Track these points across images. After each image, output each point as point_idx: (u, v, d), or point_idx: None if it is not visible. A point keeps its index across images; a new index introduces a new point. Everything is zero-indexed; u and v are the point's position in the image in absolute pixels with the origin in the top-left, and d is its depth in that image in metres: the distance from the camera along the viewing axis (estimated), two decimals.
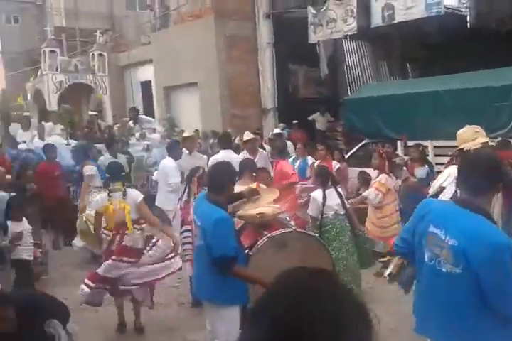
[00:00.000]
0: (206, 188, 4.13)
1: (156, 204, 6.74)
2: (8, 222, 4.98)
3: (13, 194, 5.83)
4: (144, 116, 10.48)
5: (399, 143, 8.70)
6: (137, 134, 10.06)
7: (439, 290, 2.29)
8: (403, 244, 2.55)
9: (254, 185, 4.06)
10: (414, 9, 9.99)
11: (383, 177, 6.23)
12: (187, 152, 6.93)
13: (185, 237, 4.82)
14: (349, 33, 11.65)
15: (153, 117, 17.55)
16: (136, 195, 4.92)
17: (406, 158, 7.66)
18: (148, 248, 4.69)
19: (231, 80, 14.11)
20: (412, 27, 10.95)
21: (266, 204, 3.81)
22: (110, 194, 4.80)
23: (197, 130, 13.35)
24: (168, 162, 6.73)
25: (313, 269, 1.04)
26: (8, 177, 6.27)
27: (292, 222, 4.07)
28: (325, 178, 5.37)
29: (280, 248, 3.56)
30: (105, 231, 4.84)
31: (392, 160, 6.80)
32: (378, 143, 9.68)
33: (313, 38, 12.52)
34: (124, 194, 4.77)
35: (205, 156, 7.26)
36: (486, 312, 2.17)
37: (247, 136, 7.35)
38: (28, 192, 6.91)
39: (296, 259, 3.59)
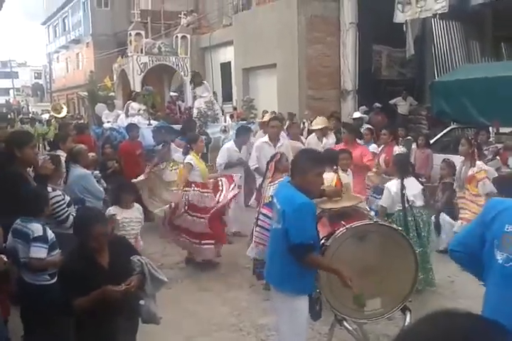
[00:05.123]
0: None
1: None
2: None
3: (96, 172, 6.07)
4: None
5: (490, 129, 8.09)
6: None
7: None
8: (461, 248, 2.32)
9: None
10: None
11: (482, 164, 5.81)
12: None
13: (261, 220, 4.94)
14: (439, 12, 10.93)
15: (231, 99, 17.77)
16: (188, 160, 5.95)
17: (499, 146, 7.11)
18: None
19: (310, 61, 13.84)
20: (508, 3, 10.06)
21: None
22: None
23: (274, 112, 13.28)
24: (226, 144, 7.28)
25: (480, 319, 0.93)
26: (92, 154, 6.51)
27: (372, 213, 3.87)
28: (403, 167, 5.09)
29: (359, 240, 3.39)
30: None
31: (484, 148, 6.33)
32: (466, 129, 9.14)
33: (400, 17, 11.91)
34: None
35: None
36: None
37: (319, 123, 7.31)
38: (108, 169, 7.20)
39: (376, 252, 3.45)
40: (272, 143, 6.77)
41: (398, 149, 7.23)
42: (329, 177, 4.94)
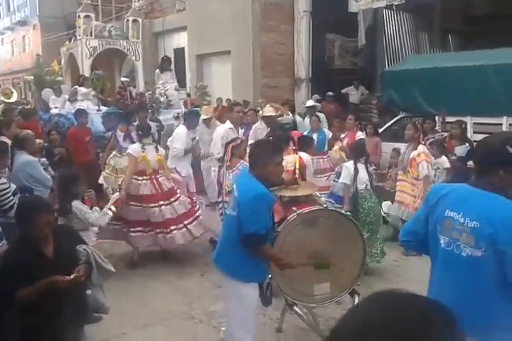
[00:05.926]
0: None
1: None
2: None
3: (44, 159, 5.85)
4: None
5: (437, 118, 8.34)
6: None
7: (457, 275, 2.16)
8: (410, 237, 2.42)
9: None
10: None
11: (424, 147, 6.03)
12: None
13: (220, 208, 5.01)
14: (396, 3, 11.15)
15: (185, 85, 17.52)
16: (162, 150, 6.07)
17: (444, 134, 7.37)
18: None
19: (264, 49, 13.81)
20: None
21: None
22: (144, 147, 5.68)
23: (228, 99, 13.21)
24: (178, 128, 7.12)
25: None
26: (39, 141, 6.27)
27: (323, 199, 3.95)
28: (357, 152, 5.34)
29: (309, 225, 3.44)
30: (136, 177, 5.62)
31: (430, 136, 6.57)
32: (414, 118, 9.38)
33: (354, 6, 12.04)
34: (157, 149, 5.83)
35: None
36: (499, 295, 2.07)
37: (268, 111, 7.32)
38: (55, 157, 6.96)
39: (325, 238, 3.51)
40: (236, 129, 6.72)
41: (361, 135, 7.40)
42: (290, 159, 5.02)
